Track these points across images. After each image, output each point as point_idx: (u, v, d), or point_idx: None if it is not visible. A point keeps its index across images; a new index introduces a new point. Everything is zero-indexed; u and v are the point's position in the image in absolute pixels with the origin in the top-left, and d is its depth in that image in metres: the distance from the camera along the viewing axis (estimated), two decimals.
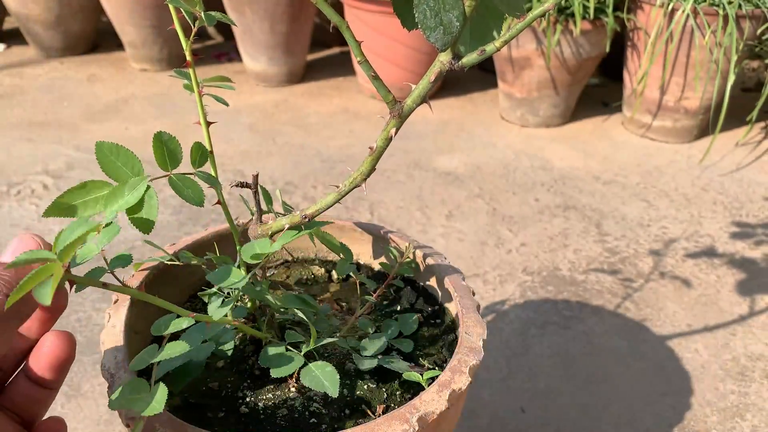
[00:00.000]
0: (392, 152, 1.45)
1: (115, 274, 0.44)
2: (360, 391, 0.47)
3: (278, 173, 1.37)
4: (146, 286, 0.52)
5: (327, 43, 2.19)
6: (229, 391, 0.47)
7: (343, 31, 0.31)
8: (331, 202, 0.39)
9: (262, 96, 1.79)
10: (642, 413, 0.81)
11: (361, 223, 0.60)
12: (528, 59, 1.56)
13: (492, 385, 0.85)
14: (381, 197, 1.28)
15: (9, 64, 1.97)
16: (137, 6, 1.82)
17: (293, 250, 0.63)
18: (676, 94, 1.54)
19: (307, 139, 1.54)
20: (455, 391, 0.42)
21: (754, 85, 1.92)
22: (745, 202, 1.33)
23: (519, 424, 0.79)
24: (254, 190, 0.45)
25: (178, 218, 1.18)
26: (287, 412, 0.45)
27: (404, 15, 0.35)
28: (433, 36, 0.29)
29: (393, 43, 1.66)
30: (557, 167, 1.45)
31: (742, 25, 1.41)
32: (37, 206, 1.22)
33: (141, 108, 1.69)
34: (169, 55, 1.93)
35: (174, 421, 0.39)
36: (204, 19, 0.40)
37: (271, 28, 1.74)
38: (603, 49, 1.54)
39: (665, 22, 1.45)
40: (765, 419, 0.81)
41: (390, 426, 0.39)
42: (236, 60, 2.00)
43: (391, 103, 0.33)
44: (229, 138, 1.53)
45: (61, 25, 1.97)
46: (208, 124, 0.46)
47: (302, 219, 0.41)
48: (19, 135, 1.51)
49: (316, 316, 0.48)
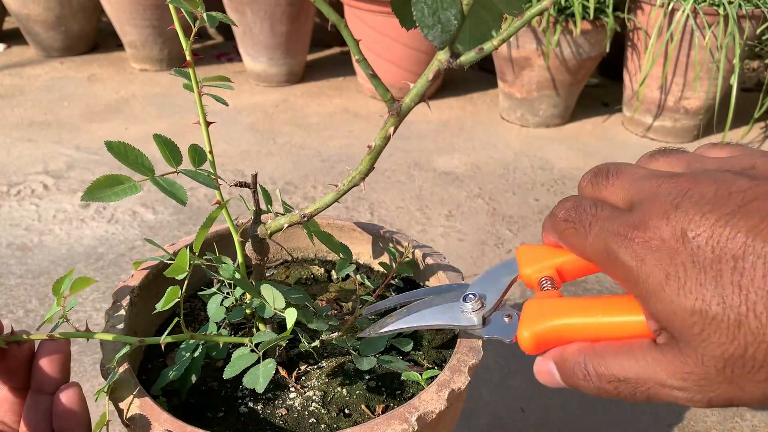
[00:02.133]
0: (392, 152, 1.45)
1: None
2: (359, 390, 0.47)
3: (278, 173, 1.37)
4: (146, 286, 0.52)
5: (327, 43, 2.19)
6: (228, 391, 0.47)
7: (341, 29, 0.31)
8: (329, 201, 0.39)
9: (262, 96, 1.80)
10: (642, 413, 0.81)
11: (361, 222, 0.60)
12: (528, 59, 1.56)
13: (492, 385, 0.85)
14: (381, 197, 1.28)
15: (9, 64, 1.98)
16: (137, 6, 1.83)
17: (293, 250, 0.63)
18: (676, 94, 1.54)
19: (307, 138, 1.54)
20: (454, 390, 0.42)
21: (754, 85, 1.92)
22: None
23: (519, 424, 0.79)
24: (253, 189, 0.45)
25: (178, 218, 1.18)
26: (286, 411, 0.45)
27: (402, 14, 0.35)
28: (431, 34, 0.29)
29: (392, 43, 1.66)
30: (557, 167, 1.45)
31: (742, 25, 1.41)
32: (37, 206, 1.22)
33: (141, 108, 1.69)
34: (169, 55, 1.94)
35: (174, 421, 0.39)
36: (205, 19, 0.40)
37: (272, 28, 1.75)
38: (603, 49, 1.54)
39: (665, 22, 1.45)
40: (765, 419, 0.81)
41: (389, 425, 0.39)
42: (236, 60, 2.01)
43: (390, 101, 0.33)
44: (229, 138, 1.53)
45: (61, 25, 1.97)
46: (207, 124, 0.46)
47: (301, 218, 0.41)
48: (19, 135, 1.51)
49: (315, 315, 0.48)
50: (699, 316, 0.26)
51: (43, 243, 1.10)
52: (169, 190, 0.35)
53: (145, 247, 1.10)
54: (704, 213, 0.27)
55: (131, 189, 0.35)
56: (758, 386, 0.26)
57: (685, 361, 0.27)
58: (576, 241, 0.32)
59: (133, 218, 1.18)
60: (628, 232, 0.29)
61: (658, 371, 0.29)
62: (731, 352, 0.26)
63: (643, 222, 0.28)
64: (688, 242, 0.27)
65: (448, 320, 0.39)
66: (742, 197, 0.27)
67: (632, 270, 0.29)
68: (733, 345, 0.26)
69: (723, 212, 0.26)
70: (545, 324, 0.33)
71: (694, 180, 0.28)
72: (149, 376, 0.48)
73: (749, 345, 0.25)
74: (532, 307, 0.34)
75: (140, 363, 0.51)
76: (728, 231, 0.26)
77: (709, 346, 0.26)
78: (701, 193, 0.27)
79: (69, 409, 0.36)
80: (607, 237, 0.30)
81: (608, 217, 0.30)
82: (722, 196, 0.27)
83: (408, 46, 1.66)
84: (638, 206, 0.29)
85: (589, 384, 0.31)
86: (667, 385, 0.28)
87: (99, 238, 1.12)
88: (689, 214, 0.27)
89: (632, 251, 0.29)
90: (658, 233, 0.28)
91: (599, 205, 0.31)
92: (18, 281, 1.00)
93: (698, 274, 0.26)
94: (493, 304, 0.38)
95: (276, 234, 0.45)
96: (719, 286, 0.26)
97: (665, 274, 0.27)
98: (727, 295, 0.25)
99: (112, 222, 1.17)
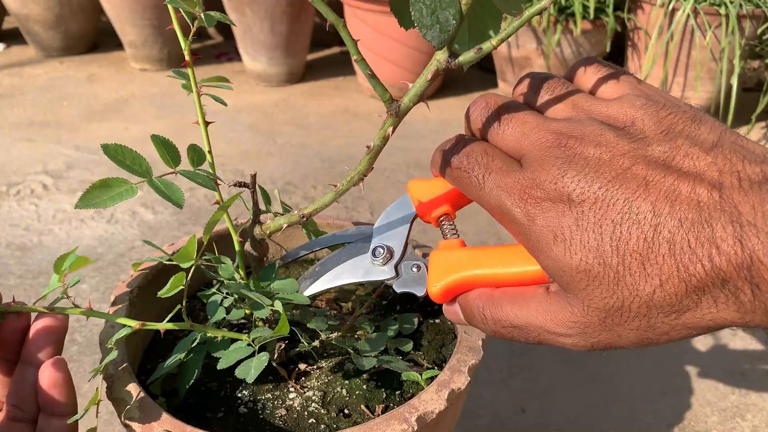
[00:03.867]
0: (392, 152, 1.45)
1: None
2: (359, 390, 0.47)
3: (278, 173, 1.37)
4: (145, 287, 0.52)
5: (327, 43, 2.19)
6: (227, 391, 0.47)
7: (340, 29, 0.31)
8: (329, 201, 0.39)
9: (262, 96, 1.79)
10: (642, 413, 0.81)
11: (360, 222, 0.60)
12: (528, 59, 1.56)
13: (492, 385, 0.85)
14: (381, 197, 1.28)
15: (9, 64, 1.97)
16: (137, 6, 1.82)
17: None
18: (676, 94, 1.54)
19: (307, 138, 1.54)
20: (454, 390, 0.42)
21: (755, 84, 1.92)
22: None
23: (519, 424, 0.79)
24: (252, 189, 0.45)
25: (177, 218, 1.18)
26: (286, 412, 0.45)
27: (401, 13, 0.34)
28: (429, 34, 0.29)
29: (392, 43, 1.65)
30: None
31: (742, 25, 1.41)
32: (36, 206, 1.22)
33: (141, 108, 1.69)
34: (169, 55, 1.94)
35: (173, 421, 0.39)
36: (203, 19, 0.40)
37: (271, 28, 1.75)
38: (603, 48, 1.54)
39: (666, 22, 1.45)
40: (766, 419, 0.81)
41: (389, 426, 0.39)
42: (236, 60, 2.00)
43: (388, 101, 0.33)
44: (229, 138, 1.53)
45: (60, 25, 1.97)
46: (206, 124, 0.46)
47: (300, 218, 0.41)
48: (18, 135, 1.51)
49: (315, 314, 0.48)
50: (584, 274, 0.29)
51: (42, 243, 1.10)
52: (165, 193, 0.35)
53: (144, 247, 1.10)
54: (588, 181, 0.29)
55: (127, 192, 0.35)
56: (633, 333, 0.30)
57: (572, 311, 0.30)
58: (470, 191, 0.35)
59: (133, 218, 1.18)
60: (521, 191, 0.31)
61: (547, 320, 0.32)
62: (611, 304, 0.29)
63: (534, 183, 0.31)
64: (573, 207, 0.29)
65: (365, 276, 0.42)
66: (621, 162, 0.29)
67: (524, 227, 0.32)
68: (613, 298, 0.29)
69: (605, 179, 0.29)
70: (451, 277, 0.36)
71: (579, 140, 0.31)
72: (149, 377, 0.48)
73: (626, 299, 0.28)
74: (438, 260, 0.37)
75: (140, 363, 0.51)
76: (609, 197, 0.29)
77: (593, 299, 0.29)
78: (586, 158, 0.30)
79: (53, 382, 0.36)
80: (500, 194, 0.32)
81: (501, 170, 0.33)
82: (605, 161, 0.30)
83: (408, 45, 1.66)
84: (529, 163, 0.32)
85: (486, 327, 0.35)
86: (554, 332, 0.32)
87: (98, 238, 1.12)
88: (575, 181, 0.30)
89: (524, 210, 0.31)
90: (548, 196, 0.30)
91: (491, 155, 0.34)
92: (17, 281, 1.00)
93: (582, 235, 0.29)
94: (400, 252, 0.41)
95: (275, 234, 0.45)
96: (600, 248, 0.29)
97: (553, 234, 0.30)
98: (608, 257, 0.28)
99: (112, 222, 1.17)
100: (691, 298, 0.27)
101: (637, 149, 0.30)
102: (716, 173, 0.28)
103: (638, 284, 0.28)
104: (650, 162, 0.29)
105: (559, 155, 0.31)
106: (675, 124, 0.31)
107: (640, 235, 0.28)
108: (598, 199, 0.29)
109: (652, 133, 0.30)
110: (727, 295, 0.26)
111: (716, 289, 0.27)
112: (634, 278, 0.28)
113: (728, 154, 0.28)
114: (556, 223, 0.30)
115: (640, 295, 0.28)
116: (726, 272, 0.26)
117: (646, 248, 0.27)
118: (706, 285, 0.27)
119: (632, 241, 0.28)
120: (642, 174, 0.29)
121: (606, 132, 0.31)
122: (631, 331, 0.29)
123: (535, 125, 0.33)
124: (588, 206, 0.29)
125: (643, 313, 0.28)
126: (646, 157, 0.29)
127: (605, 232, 0.28)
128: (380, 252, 0.41)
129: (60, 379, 0.36)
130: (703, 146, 0.29)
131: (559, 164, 0.30)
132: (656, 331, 0.29)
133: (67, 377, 0.37)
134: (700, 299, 0.27)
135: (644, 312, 0.28)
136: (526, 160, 0.32)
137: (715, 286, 0.26)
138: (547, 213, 0.30)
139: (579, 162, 0.30)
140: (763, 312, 0.26)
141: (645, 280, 0.28)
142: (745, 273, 0.26)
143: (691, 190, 0.27)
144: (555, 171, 0.30)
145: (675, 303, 0.28)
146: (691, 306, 0.27)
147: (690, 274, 0.27)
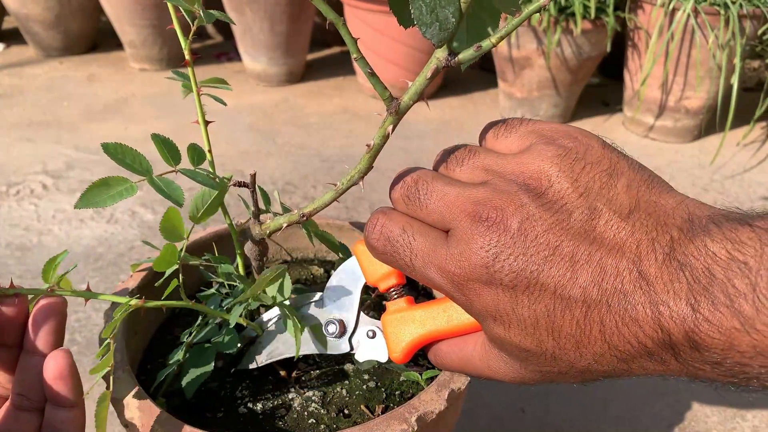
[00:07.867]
0: (393, 152, 1.45)
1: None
2: (359, 390, 0.47)
3: (278, 173, 1.37)
4: (144, 287, 0.52)
5: (327, 43, 2.19)
6: (228, 392, 0.47)
7: (339, 27, 0.31)
8: (328, 201, 0.39)
9: (262, 96, 1.79)
10: (642, 413, 0.81)
11: (361, 222, 0.60)
12: (528, 59, 1.56)
13: (492, 385, 0.84)
14: (381, 197, 1.28)
15: (9, 64, 1.97)
16: (137, 6, 1.82)
17: (292, 250, 0.63)
18: (676, 94, 1.54)
19: (307, 138, 1.54)
20: (454, 390, 0.42)
21: (755, 84, 1.91)
22: (745, 201, 1.33)
23: (519, 424, 0.79)
24: (252, 189, 0.45)
25: None
26: (285, 412, 0.45)
27: (400, 12, 0.34)
28: (429, 32, 0.29)
29: (392, 42, 1.65)
30: None
31: (743, 25, 1.41)
32: (36, 206, 1.22)
33: (141, 108, 1.69)
34: (168, 54, 1.93)
35: (173, 421, 0.39)
36: (203, 17, 0.40)
37: (271, 27, 1.74)
38: (604, 48, 1.54)
39: (666, 22, 1.44)
40: (766, 419, 0.81)
41: (389, 426, 0.39)
42: (236, 60, 2.00)
43: (388, 99, 0.33)
44: (229, 138, 1.53)
45: (60, 24, 1.97)
46: (206, 124, 0.46)
47: (300, 218, 0.41)
48: (18, 135, 1.51)
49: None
50: (523, 351, 0.32)
51: (42, 243, 1.10)
52: (165, 191, 0.35)
53: (144, 247, 1.10)
54: (519, 263, 0.30)
55: (127, 191, 0.35)
56: (571, 379, 0.33)
57: (512, 368, 0.34)
58: (404, 271, 0.36)
59: (133, 218, 1.18)
60: (453, 275, 0.32)
61: (490, 372, 0.35)
62: (549, 370, 0.32)
63: (466, 268, 0.32)
64: (507, 291, 0.31)
65: (321, 349, 0.43)
66: (547, 240, 0.30)
67: (463, 305, 0.34)
68: (551, 367, 0.32)
69: (534, 263, 0.30)
70: (406, 341, 0.39)
71: (500, 211, 0.31)
72: (149, 377, 0.48)
73: (562, 368, 0.32)
74: (392, 325, 0.40)
75: (140, 363, 0.50)
76: (541, 281, 0.30)
77: (532, 366, 0.33)
78: (511, 235, 0.30)
79: (58, 374, 0.36)
80: (433, 276, 0.34)
81: (424, 250, 0.34)
82: (531, 238, 0.30)
83: (408, 45, 1.66)
84: (456, 241, 0.32)
85: (440, 367, 0.40)
86: (495, 378, 0.35)
87: (98, 238, 1.12)
88: (505, 266, 0.30)
89: (461, 293, 0.33)
90: (481, 280, 0.31)
91: (409, 233, 0.35)
92: (17, 281, 1.00)
93: (519, 320, 0.31)
94: (353, 325, 0.43)
95: (275, 234, 0.45)
96: (537, 333, 0.31)
97: (492, 317, 0.32)
98: (544, 341, 0.31)
99: (112, 222, 1.16)
100: (622, 366, 0.30)
101: (560, 222, 0.30)
102: (634, 245, 0.29)
103: (574, 361, 0.31)
104: (574, 235, 0.30)
105: (483, 232, 0.31)
106: (592, 182, 0.31)
107: (572, 319, 0.29)
108: (530, 284, 0.30)
109: (571, 198, 0.31)
110: (655, 361, 0.29)
111: (643, 358, 0.29)
112: (569, 357, 0.30)
113: (645, 220, 0.29)
114: (492, 306, 0.31)
115: (576, 367, 0.31)
116: (650, 348, 0.28)
117: (579, 332, 0.29)
118: (634, 357, 0.29)
119: (566, 325, 0.30)
120: (569, 252, 0.29)
121: (524, 198, 0.31)
122: (572, 379, 0.33)
123: (455, 197, 0.33)
124: (521, 291, 0.30)
125: (581, 373, 0.32)
126: (569, 231, 0.30)
127: (540, 317, 0.30)
128: (333, 328, 0.43)
129: (65, 371, 0.36)
130: (621, 213, 0.30)
131: (486, 244, 0.31)
132: (595, 377, 0.32)
133: (72, 368, 0.36)
134: (630, 367, 0.30)
135: (581, 374, 0.32)
136: (452, 235, 0.33)
137: (643, 357, 0.29)
138: (483, 298, 0.32)
139: (505, 240, 0.30)
140: (686, 372, 0.29)
141: (580, 358, 0.30)
142: (667, 347, 0.28)
143: (614, 268, 0.29)
144: (483, 254, 0.31)
145: (609, 370, 0.31)
146: (625, 369, 0.30)
147: (620, 351, 0.29)
